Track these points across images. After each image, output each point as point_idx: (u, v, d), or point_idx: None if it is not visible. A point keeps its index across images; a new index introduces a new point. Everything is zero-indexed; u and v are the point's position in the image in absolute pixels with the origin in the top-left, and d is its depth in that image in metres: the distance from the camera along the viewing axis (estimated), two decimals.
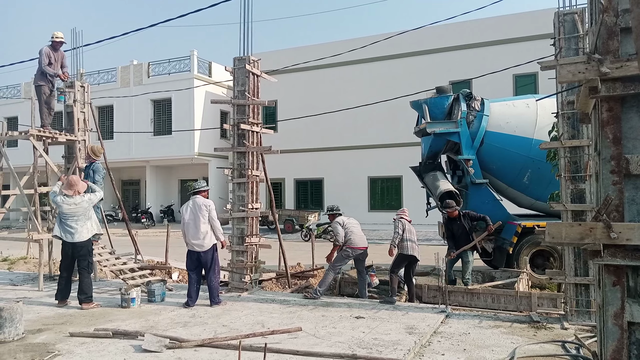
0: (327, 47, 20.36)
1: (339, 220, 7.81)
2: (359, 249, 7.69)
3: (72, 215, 7.02)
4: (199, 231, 6.92)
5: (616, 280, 2.46)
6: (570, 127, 6.10)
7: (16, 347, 5.18)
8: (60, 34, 9.34)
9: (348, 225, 7.73)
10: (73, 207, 7.03)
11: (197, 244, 6.94)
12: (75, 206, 7.04)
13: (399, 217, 7.76)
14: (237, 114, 8.05)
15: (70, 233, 6.99)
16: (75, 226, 7.01)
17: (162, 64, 26.30)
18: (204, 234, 6.93)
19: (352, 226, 7.76)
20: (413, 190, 17.41)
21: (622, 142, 2.49)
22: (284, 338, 5.31)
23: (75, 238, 6.99)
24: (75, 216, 7.03)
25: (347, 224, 7.74)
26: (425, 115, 10.22)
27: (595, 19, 2.72)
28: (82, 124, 9.64)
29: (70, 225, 7.00)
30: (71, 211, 7.01)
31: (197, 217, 6.94)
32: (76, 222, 7.03)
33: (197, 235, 6.93)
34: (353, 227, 7.75)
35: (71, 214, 7.01)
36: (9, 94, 30.56)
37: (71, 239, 6.99)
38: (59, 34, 9.31)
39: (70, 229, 7.00)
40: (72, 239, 6.99)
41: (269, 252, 8.52)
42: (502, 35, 20.73)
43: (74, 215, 7.02)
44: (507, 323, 6.06)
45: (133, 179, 30.92)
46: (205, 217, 6.94)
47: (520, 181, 10.00)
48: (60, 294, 7.15)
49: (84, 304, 6.97)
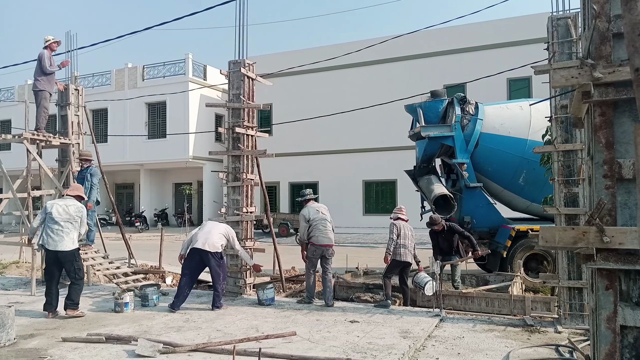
0: (322, 51, 20.43)
1: (305, 213, 7.50)
2: (323, 247, 7.36)
3: (58, 218, 6.67)
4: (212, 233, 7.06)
5: (609, 284, 2.47)
6: (563, 131, 6.14)
7: (7, 353, 5.13)
8: (51, 36, 9.33)
9: (314, 220, 7.38)
10: (63, 208, 6.74)
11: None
12: (66, 207, 6.75)
13: (395, 218, 7.72)
14: (232, 118, 8.04)
15: (54, 240, 6.64)
16: (59, 232, 6.66)
17: (156, 67, 26.25)
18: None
19: (317, 221, 7.38)
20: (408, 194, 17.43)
21: (615, 147, 2.51)
22: (279, 342, 5.29)
23: (58, 246, 6.62)
24: (61, 220, 6.68)
25: (312, 219, 7.39)
26: (419, 119, 10.26)
27: (588, 25, 2.74)
28: (76, 127, 9.59)
29: (54, 231, 6.65)
30: (59, 213, 6.68)
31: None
32: (61, 228, 6.67)
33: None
34: (318, 223, 7.37)
35: (58, 217, 6.67)
36: (3, 97, 30.40)
37: (54, 246, 6.63)
38: (50, 37, 9.29)
39: (53, 235, 6.65)
40: (55, 246, 6.63)
41: (263, 256, 8.50)
42: (496, 40, 20.87)
43: (60, 218, 6.68)
44: (501, 327, 6.07)
45: (127, 183, 30.79)
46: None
47: (515, 183, 10.03)
48: (49, 305, 6.79)
49: (67, 310, 6.69)
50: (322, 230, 7.36)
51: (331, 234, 7.46)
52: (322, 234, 7.35)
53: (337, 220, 8.26)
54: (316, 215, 7.43)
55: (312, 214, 7.45)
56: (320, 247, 7.34)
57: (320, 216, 7.44)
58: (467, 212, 10.10)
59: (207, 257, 6.91)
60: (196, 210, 28.21)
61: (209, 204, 25.80)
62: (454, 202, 9.64)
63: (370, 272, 10.40)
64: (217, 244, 6.95)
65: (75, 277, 6.82)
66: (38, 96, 9.16)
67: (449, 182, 11.04)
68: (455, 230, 8.61)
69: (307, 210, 7.54)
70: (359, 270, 10.38)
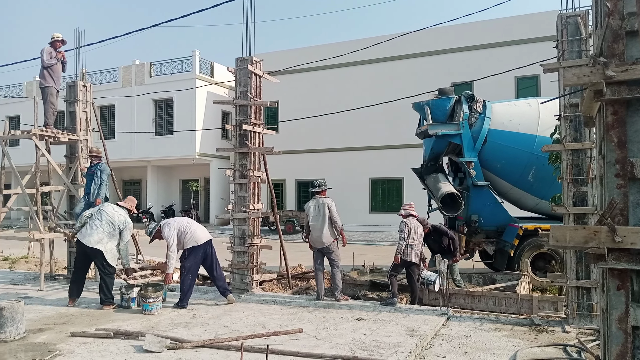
0: (329, 48, 20.37)
1: (305, 207, 7.61)
2: (316, 247, 7.49)
3: (99, 217, 7.01)
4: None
5: (620, 284, 2.45)
6: (572, 130, 6.09)
7: (17, 347, 5.17)
8: (59, 34, 9.40)
9: (309, 217, 7.45)
10: (109, 210, 7.10)
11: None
12: (112, 212, 7.10)
13: (406, 215, 7.67)
14: (239, 115, 8.05)
15: (86, 234, 6.92)
16: (95, 228, 6.92)
17: (164, 64, 26.33)
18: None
19: (312, 219, 7.42)
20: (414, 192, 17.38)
21: (627, 146, 2.48)
22: (285, 339, 5.30)
23: (86, 240, 6.87)
24: (102, 220, 6.99)
25: (308, 215, 7.49)
26: (427, 117, 10.21)
27: (601, 22, 2.71)
28: (84, 123, 9.65)
29: (93, 226, 6.95)
30: (104, 212, 7.05)
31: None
32: (97, 226, 6.94)
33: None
34: (313, 221, 7.41)
35: (100, 216, 7.02)
36: (11, 93, 30.61)
37: (82, 238, 6.93)
38: (58, 34, 9.36)
39: (88, 229, 6.94)
40: (83, 238, 6.91)
41: (269, 253, 8.51)
42: (505, 38, 20.73)
43: (101, 218, 7.00)
44: (509, 326, 6.05)
45: (134, 179, 30.94)
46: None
47: (525, 179, 9.94)
48: (70, 292, 7.18)
49: (104, 306, 6.95)
50: (315, 230, 7.40)
51: (324, 237, 7.33)
52: (314, 235, 7.42)
53: (344, 218, 8.21)
54: (314, 212, 7.46)
55: (311, 210, 7.50)
56: (313, 246, 7.53)
57: (315, 214, 7.43)
58: (474, 211, 10.05)
59: (211, 246, 7.16)
60: (203, 207, 28.30)
61: (215, 201, 25.87)
62: (461, 201, 9.60)
63: (376, 269, 10.39)
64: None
65: (105, 272, 7.00)
66: (44, 92, 9.25)
67: (456, 181, 10.99)
68: (441, 231, 8.67)
69: (308, 205, 7.62)
70: (365, 268, 10.37)
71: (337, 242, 7.55)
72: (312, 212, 7.48)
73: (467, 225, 10.00)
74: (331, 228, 7.40)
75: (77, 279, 7.21)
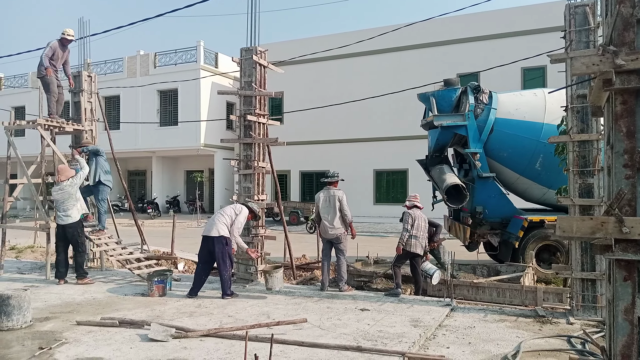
0: (334, 39, 20.24)
1: (316, 198, 7.65)
2: (326, 238, 7.57)
3: (59, 200, 7.84)
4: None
5: (627, 275, 2.43)
6: (579, 121, 6.04)
7: (24, 335, 5.23)
8: (72, 31, 9.31)
9: (319, 208, 7.53)
10: (60, 193, 7.85)
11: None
12: (62, 192, 7.84)
13: (411, 206, 7.68)
14: (244, 105, 8.03)
15: (61, 217, 7.87)
16: (65, 210, 7.83)
17: (168, 54, 26.28)
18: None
19: (322, 211, 7.49)
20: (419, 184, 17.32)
21: (636, 136, 2.46)
22: (289, 329, 5.32)
23: (64, 221, 7.84)
24: (63, 200, 7.82)
25: (318, 206, 7.56)
26: (432, 108, 10.15)
27: (611, 11, 2.67)
28: (89, 113, 9.66)
29: (60, 209, 7.87)
30: (58, 196, 7.84)
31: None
32: (64, 207, 7.83)
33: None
34: (323, 213, 7.48)
35: (59, 200, 7.84)
36: (17, 83, 30.67)
37: (62, 222, 7.86)
38: (70, 32, 9.28)
39: (60, 214, 7.87)
40: (63, 221, 7.85)
41: (274, 244, 8.53)
42: (511, 28, 20.52)
43: (61, 199, 7.83)
44: (513, 317, 6.05)
45: (139, 170, 31.04)
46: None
47: (532, 168, 9.85)
48: (59, 273, 7.99)
49: (78, 280, 7.89)
50: (325, 222, 7.45)
51: (335, 229, 7.40)
52: (324, 226, 7.47)
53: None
54: (324, 204, 7.50)
55: (320, 202, 7.54)
56: (323, 237, 7.57)
57: (326, 206, 7.48)
58: (479, 203, 10.01)
59: (211, 243, 6.89)
60: (207, 198, 28.38)
61: (220, 191, 25.91)
62: (466, 192, 9.57)
63: (380, 261, 10.41)
64: (219, 228, 6.88)
65: (79, 249, 8.01)
66: (44, 82, 9.16)
67: (462, 172, 10.95)
68: (429, 223, 8.64)
69: (318, 195, 7.65)
70: (369, 259, 10.39)
71: (346, 233, 7.59)
72: (321, 204, 7.51)
73: (472, 216, 9.96)
74: (341, 220, 7.44)
75: (63, 260, 8.02)
